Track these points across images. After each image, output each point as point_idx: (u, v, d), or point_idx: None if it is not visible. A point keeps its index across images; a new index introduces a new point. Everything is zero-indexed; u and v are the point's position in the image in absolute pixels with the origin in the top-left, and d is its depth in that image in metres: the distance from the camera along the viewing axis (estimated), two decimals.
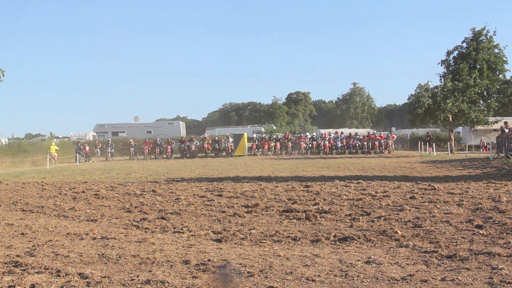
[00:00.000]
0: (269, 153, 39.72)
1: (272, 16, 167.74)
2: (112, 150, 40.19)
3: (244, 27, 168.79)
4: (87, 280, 5.13)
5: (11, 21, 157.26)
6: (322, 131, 56.53)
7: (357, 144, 38.85)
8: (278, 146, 39.86)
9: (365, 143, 38.39)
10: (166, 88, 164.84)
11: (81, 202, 11.67)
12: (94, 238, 7.45)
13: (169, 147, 39.63)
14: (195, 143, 40.12)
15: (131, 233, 7.86)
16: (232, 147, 39.25)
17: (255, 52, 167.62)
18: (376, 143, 37.39)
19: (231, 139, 40.10)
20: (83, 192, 13.52)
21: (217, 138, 41.37)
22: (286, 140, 40.12)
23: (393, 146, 38.83)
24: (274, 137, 41.96)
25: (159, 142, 39.99)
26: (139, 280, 5.11)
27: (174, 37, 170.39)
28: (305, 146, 39.59)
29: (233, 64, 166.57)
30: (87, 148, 39.11)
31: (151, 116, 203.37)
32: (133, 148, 39.80)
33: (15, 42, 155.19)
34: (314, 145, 39.66)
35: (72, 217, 9.67)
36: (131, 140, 40.74)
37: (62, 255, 6.33)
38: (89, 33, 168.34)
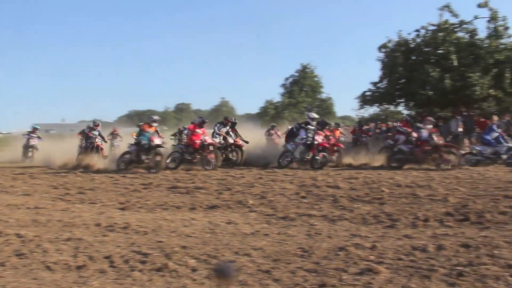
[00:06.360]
0: None
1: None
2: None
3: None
4: (22, 239, 4.91)
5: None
6: None
7: None
8: None
9: None
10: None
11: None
12: (29, 208, 6.93)
13: None
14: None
15: (57, 204, 7.36)
16: None
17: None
18: None
19: None
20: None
21: None
22: None
23: None
24: None
25: None
26: (62, 238, 4.96)
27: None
28: None
29: None
30: None
31: None
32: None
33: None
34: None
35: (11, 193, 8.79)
36: None
37: (3, 220, 5.93)
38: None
